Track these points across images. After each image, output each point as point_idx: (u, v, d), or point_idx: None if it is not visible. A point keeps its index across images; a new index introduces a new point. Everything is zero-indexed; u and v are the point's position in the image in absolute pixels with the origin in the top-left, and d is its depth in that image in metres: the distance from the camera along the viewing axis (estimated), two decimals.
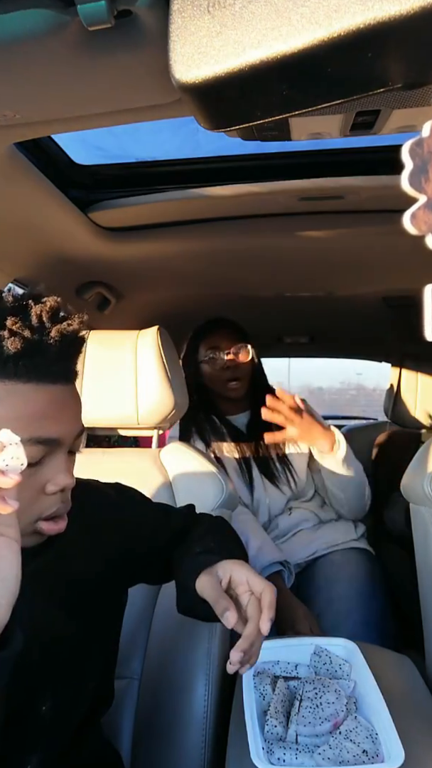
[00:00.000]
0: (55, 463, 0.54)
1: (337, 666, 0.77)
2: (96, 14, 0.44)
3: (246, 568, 0.63)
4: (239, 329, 1.44)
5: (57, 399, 0.52)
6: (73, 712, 0.64)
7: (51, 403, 0.52)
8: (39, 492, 0.54)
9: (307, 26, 0.38)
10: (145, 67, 0.53)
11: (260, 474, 1.37)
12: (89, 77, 0.56)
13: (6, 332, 0.49)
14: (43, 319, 0.51)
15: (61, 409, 0.53)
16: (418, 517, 0.97)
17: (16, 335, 0.49)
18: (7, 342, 0.48)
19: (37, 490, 0.53)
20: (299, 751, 0.63)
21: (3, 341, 0.48)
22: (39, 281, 1.23)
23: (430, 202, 0.28)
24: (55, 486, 0.53)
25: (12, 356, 0.49)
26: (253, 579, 0.61)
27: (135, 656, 0.89)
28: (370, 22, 0.37)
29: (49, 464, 0.53)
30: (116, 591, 0.74)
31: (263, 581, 0.60)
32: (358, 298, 1.73)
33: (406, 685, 0.80)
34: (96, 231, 1.11)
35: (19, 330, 0.49)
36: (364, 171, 0.97)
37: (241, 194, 1.02)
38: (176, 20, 0.42)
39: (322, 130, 0.62)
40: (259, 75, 0.41)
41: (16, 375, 0.49)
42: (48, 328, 0.51)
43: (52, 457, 0.54)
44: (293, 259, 1.39)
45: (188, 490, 1.08)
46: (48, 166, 0.90)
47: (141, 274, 1.43)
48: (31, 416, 0.50)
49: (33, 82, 0.56)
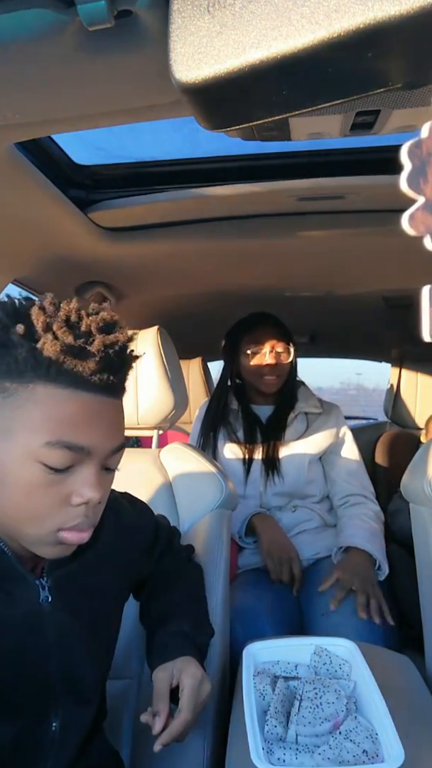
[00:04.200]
0: (84, 474, 0.53)
1: (337, 666, 0.77)
2: (96, 14, 0.44)
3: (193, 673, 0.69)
4: (283, 326, 1.45)
5: (93, 409, 0.52)
6: (81, 728, 0.64)
7: (85, 411, 0.52)
8: (64, 501, 0.53)
9: (307, 26, 0.38)
10: (145, 67, 0.53)
11: (261, 463, 1.38)
12: (89, 77, 0.55)
13: (51, 336, 0.50)
14: (91, 328, 0.52)
15: (95, 419, 0.53)
16: (418, 517, 0.97)
17: (58, 339, 0.49)
18: (49, 345, 0.49)
19: (62, 498, 0.53)
20: (299, 751, 0.63)
21: (47, 344, 0.49)
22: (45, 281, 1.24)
23: (428, 203, 0.28)
24: (80, 498, 0.53)
25: (54, 360, 0.49)
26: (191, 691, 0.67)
27: (134, 656, 0.89)
28: (370, 22, 0.37)
29: (77, 474, 0.53)
30: (122, 603, 0.76)
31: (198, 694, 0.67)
32: (358, 298, 1.73)
33: (406, 685, 0.80)
34: (96, 231, 1.11)
35: (63, 335, 0.50)
36: (364, 171, 0.97)
37: (241, 194, 1.02)
38: (176, 20, 0.42)
39: (322, 130, 0.62)
40: (259, 75, 0.41)
41: (56, 379, 0.50)
42: (93, 337, 0.52)
43: (81, 467, 0.53)
44: (293, 259, 1.39)
45: (188, 490, 1.08)
46: (48, 166, 0.90)
47: (141, 274, 1.43)
48: (63, 420, 0.51)
49: (33, 82, 0.56)
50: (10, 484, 0.52)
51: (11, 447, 0.51)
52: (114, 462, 0.58)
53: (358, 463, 1.45)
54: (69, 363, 0.50)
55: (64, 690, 0.61)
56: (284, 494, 1.38)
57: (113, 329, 0.55)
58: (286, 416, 1.43)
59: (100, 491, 0.54)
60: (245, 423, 1.44)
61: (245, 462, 1.40)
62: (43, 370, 0.50)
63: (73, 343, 0.50)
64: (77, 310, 0.54)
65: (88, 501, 0.53)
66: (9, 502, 0.53)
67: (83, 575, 0.64)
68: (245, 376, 1.45)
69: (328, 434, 1.43)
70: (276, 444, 1.39)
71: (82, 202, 1.03)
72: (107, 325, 0.54)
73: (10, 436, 0.51)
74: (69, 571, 0.62)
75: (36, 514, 0.53)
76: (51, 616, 0.60)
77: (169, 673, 0.69)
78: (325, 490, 1.44)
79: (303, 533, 1.37)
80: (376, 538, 1.28)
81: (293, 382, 1.49)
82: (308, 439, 1.41)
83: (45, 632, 0.59)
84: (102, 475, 0.55)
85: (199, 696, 0.68)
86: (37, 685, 0.59)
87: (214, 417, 1.47)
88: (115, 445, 0.56)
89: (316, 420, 1.44)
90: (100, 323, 0.53)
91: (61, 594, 0.61)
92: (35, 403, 0.50)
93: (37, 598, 0.59)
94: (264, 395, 1.46)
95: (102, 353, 0.52)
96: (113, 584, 0.70)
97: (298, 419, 1.44)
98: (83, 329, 0.52)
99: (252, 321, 1.46)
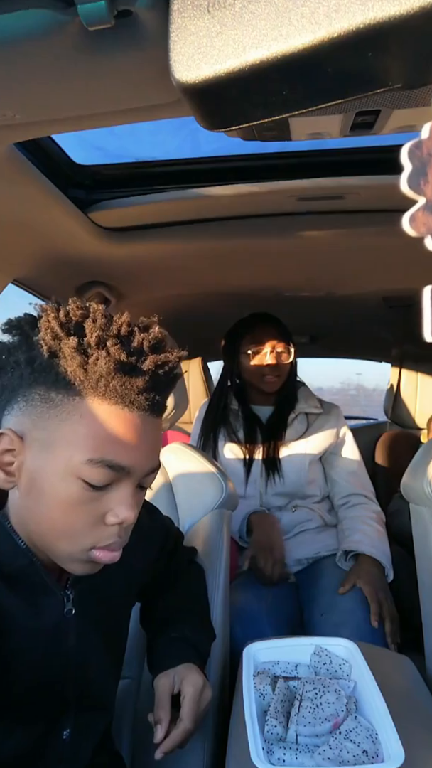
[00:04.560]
0: (122, 493, 0.53)
1: (337, 666, 0.77)
2: (96, 14, 0.44)
3: (194, 681, 0.69)
4: (283, 327, 1.45)
5: (137, 428, 0.52)
6: (93, 735, 0.65)
7: (130, 430, 0.51)
8: (99, 520, 0.53)
9: (308, 26, 0.38)
10: (145, 67, 0.53)
11: (261, 463, 1.38)
12: (89, 77, 0.55)
13: (104, 352, 0.49)
14: (144, 346, 0.52)
15: (138, 438, 0.52)
16: (418, 517, 0.97)
17: (111, 356, 0.49)
18: (102, 361, 0.49)
19: (98, 517, 0.53)
20: (299, 751, 0.63)
21: (99, 360, 0.49)
22: (45, 281, 1.24)
23: (429, 203, 0.28)
24: (116, 518, 0.53)
25: (104, 376, 0.49)
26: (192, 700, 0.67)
27: (135, 656, 0.89)
28: (370, 22, 0.37)
29: (114, 493, 0.53)
30: (131, 608, 0.76)
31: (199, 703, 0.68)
32: (358, 298, 1.73)
33: (406, 685, 0.80)
34: (96, 231, 1.11)
35: (116, 352, 0.49)
36: (364, 171, 0.97)
37: (241, 194, 1.02)
38: (176, 20, 0.42)
39: (322, 130, 0.62)
40: (260, 75, 0.41)
41: (105, 395, 0.50)
42: (145, 355, 0.51)
43: (119, 486, 0.53)
44: (293, 259, 1.39)
45: (188, 490, 1.08)
46: (48, 166, 0.90)
47: (141, 274, 1.43)
48: (107, 438, 0.50)
49: (33, 82, 0.56)
50: (47, 498, 0.51)
51: (52, 460, 0.50)
52: (149, 481, 0.57)
53: (359, 463, 1.45)
54: (119, 380, 0.49)
55: (77, 698, 0.61)
56: (285, 494, 1.38)
57: (163, 348, 0.54)
58: (286, 416, 1.43)
59: (135, 511, 0.54)
60: (246, 423, 1.44)
61: (246, 462, 1.40)
62: (92, 384, 0.49)
63: (126, 361, 0.50)
64: (128, 323, 0.53)
65: (123, 521, 0.53)
66: (44, 516, 0.52)
67: (103, 586, 0.64)
68: (245, 376, 1.45)
69: (328, 434, 1.43)
70: (276, 444, 1.39)
71: (82, 202, 1.03)
72: (158, 343, 0.53)
73: (52, 449, 0.50)
74: (91, 583, 0.61)
75: (70, 531, 0.52)
76: (73, 627, 0.60)
77: (170, 680, 0.69)
78: (325, 490, 1.44)
79: (303, 533, 1.37)
80: (383, 544, 1.28)
81: (293, 382, 1.49)
82: (308, 439, 1.41)
83: (66, 642, 0.59)
84: (136, 494, 0.55)
85: (200, 704, 0.68)
86: (52, 694, 0.59)
87: (215, 417, 1.47)
88: (153, 465, 0.55)
89: (317, 420, 1.44)
90: (153, 341, 0.53)
91: (83, 605, 0.61)
92: (81, 417, 0.50)
93: (62, 610, 0.59)
94: (264, 395, 1.46)
95: (152, 372, 0.51)
96: (126, 592, 0.71)
97: (298, 419, 1.44)
98: (135, 345, 0.51)
99: (252, 321, 1.46)
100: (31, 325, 0.53)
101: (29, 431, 0.51)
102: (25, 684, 0.56)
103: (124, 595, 0.70)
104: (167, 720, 0.65)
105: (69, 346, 0.49)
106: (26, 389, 0.51)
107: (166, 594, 0.83)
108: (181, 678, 0.69)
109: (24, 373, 0.51)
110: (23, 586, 0.56)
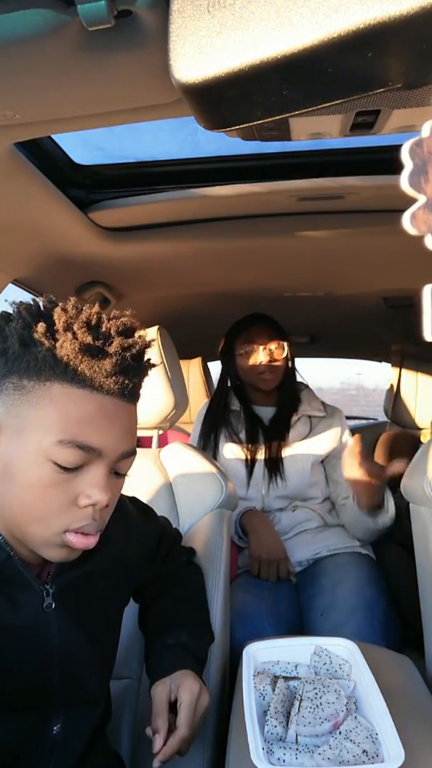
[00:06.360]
0: (93, 475, 0.53)
1: (337, 666, 0.77)
2: (96, 14, 0.44)
3: (191, 687, 0.69)
4: (276, 326, 1.46)
5: (107, 411, 0.53)
6: (83, 732, 0.64)
7: (99, 412, 0.52)
8: (71, 502, 0.53)
9: (307, 26, 0.38)
10: (145, 67, 0.53)
11: (264, 465, 1.38)
12: (89, 77, 0.55)
13: (70, 335, 0.51)
14: (111, 331, 0.53)
15: (108, 421, 0.53)
16: (418, 517, 0.97)
17: (77, 339, 0.50)
18: (68, 343, 0.50)
19: (70, 499, 0.53)
20: (299, 751, 0.63)
21: (65, 343, 0.50)
22: (45, 281, 1.24)
23: (429, 202, 0.28)
24: (88, 499, 0.53)
25: (72, 359, 0.50)
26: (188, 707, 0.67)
27: (135, 656, 0.89)
28: (370, 22, 0.37)
29: (86, 475, 0.53)
30: (123, 607, 0.75)
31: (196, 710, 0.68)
32: (358, 298, 1.74)
33: (406, 685, 0.80)
34: (96, 231, 1.11)
35: (82, 335, 0.51)
36: (364, 171, 0.97)
37: (241, 194, 1.02)
38: (176, 20, 0.42)
39: (322, 130, 0.62)
40: (259, 75, 0.41)
41: (73, 379, 0.51)
42: (112, 338, 0.53)
43: (91, 468, 0.53)
44: (293, 259, 1.39)
45: (188, 490, 1.08)
46: (48, 166, 0.90)
47: (141, 274, 1.43)
48: (77, 420, 0.51)
49: (33, 82, 0.56)
50: (19, 482, 0.52)
51: (23, 445, 0.51)
52: (124, 467, 0.58)
53: None
54: (86, 363, 0.51)
55: (65, 693, 0.61)
56: (287, 497, 1.38)
57: (132, 333, 0.55)
58: (288, 417, 1.43)
59: (108, 494, 0.54)
60: (247, 423, 1.44)
61: (248, 463, 1.39)
62: (60, 368, 0.50)
63: (92, 343, 0.51)
64: (98, 313, 0.54)
65: (96, 503, 0.53)
66: (17, 500, 0.53)
67: (87, 581, 0.64)
68: (242, 376, 1.46)
69: (331, 438, 1.43)
70: (279, 445, 1.39)
71: (81, 202, 1.03)
72: (127, 329, 0.55)
73: (23, 434, 0.51)
74: (74, 577, 0.61)
75: (43, 514, 0.53)
76: (54, 621, 0.59)
77: (167, 688, 0.69)
78: (326, 492, 1.44)
79: (303, 533, 1.37)
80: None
81: (292, 381, 1.49)
82: (311, 441, 1.41)
83: (48, 638, 0.59)
84: (111, 479, 0.55)
85: (197, 711, 0.68)
86: (37, 688, 0.59)
87: (215, 417, 1.47)
88: (126, 449, 0.56)
89: (320, 423, 1.45)
90: (120, 327, 0.54)
91: (65, 600, 0.61)
92: (51, 401, 0.51)
93: (41, 604, 0.59)
94: (265, 395, 1.46)
95: (119, 355, 0.52)
96: (116, 590, 0.70)
97: (301, 421, 1.44)
98: (103, 330, 0.53)
99: (244, 322, 1.48)
100: (6, 319, 0.54)
101: (3, 419, 0.52)
102: (6, 679, 0.56)
103: (113, 590, 0.69)
104: (165, 729, 0.65)
105: (38, 333, 0.50)
106: (0, 380, 0.53)
107: (164, 597, 0.83)
108: (177, 685, 0.69)
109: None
110: (0, 582, 0.56)
